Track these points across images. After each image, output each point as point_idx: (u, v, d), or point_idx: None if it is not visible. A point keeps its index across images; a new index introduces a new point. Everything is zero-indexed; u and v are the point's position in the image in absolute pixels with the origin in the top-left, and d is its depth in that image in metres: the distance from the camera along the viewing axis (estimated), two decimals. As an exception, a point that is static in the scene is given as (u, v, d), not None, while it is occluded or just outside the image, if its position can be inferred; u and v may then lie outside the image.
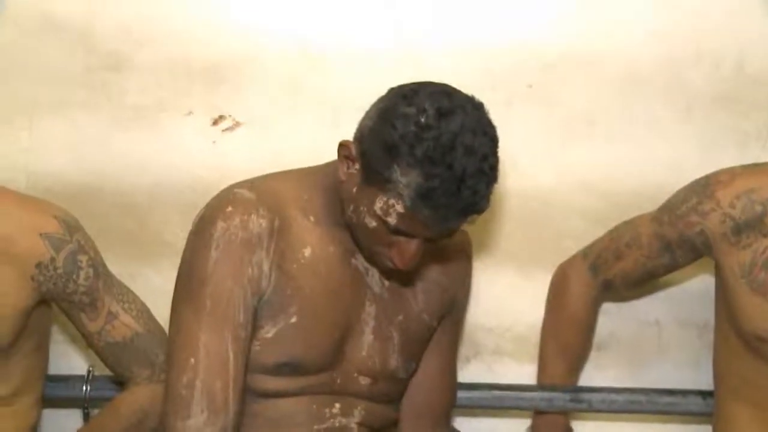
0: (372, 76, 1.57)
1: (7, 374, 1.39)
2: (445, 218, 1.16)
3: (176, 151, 1.61)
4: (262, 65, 1.59)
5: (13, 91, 1.56)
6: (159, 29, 1.58)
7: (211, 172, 1.59)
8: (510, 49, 1.61)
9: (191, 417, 1.20)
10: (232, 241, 1.23)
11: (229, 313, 1.23)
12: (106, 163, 1.60)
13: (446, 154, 1.13)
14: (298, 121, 1.61)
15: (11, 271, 1.31)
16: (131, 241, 1.47)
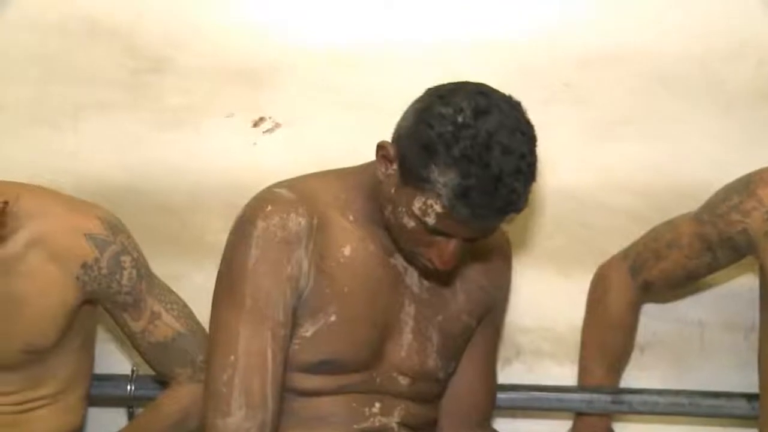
0: (408, 76, 1.52)
1: (54, 372, 1.38)
2: (482, 217, 1.12)
3: (217, 152, 1.59)
4: (301, 68, 1.57)
5: (60, 95, 1.56)
6: (201, 34, 1.57)
7: (251, 173, 1.54)
8: (547, 47, 1.57)
9: (230, 414, 1.19)
10: (272, 240, 1.21)
11: (269, 311, 1.21)
12: (150, 164, 1.59)
13: (483, 153, 1.09)
14: (337, 123, 1.59)
15: (57, 271, 1.30)
16: (173, 241, 1.46)
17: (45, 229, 1.28)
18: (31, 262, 1.28)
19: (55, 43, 1.57)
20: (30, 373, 1.35)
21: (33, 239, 1.27)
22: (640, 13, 1.56)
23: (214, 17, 1.57)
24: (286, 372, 1.24)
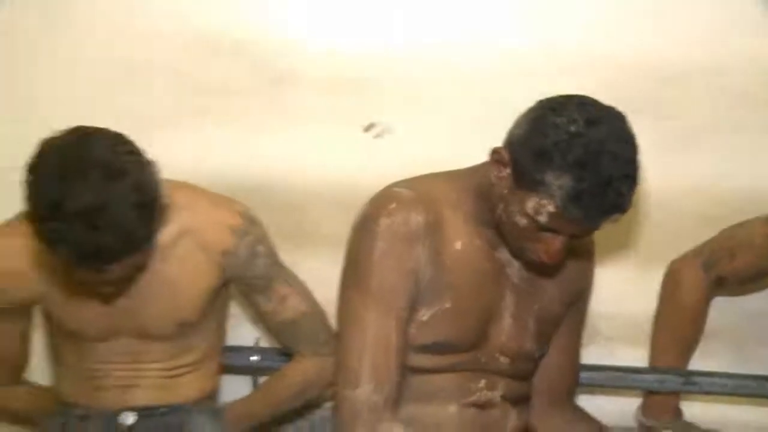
0: (503, 89, 1.60)
1: (195, 345, 1.48)
2: (592, 218, 1.19)
3: (334, 154, 1.66)
4: (410, 79, 1.62)
5: (202, 103, 1.63)
6: (318, 48, 1.62)
7: (363, 174, 1.62)
8: (633, 63, 1.60)
9: (360, 387, 1.27)
10: (395, 234, 1.29)
11: (393, 298, 1.29)
12: (275, 165, 1.65)
13: (595, 159, 1.16)
14: (439, 130, 1.64)
15: (203, 258, 1.40)
16: (294, 232, 1.53)
17: (193, 221, 1.38)
18: (182, 249, 1.38)
19: (184, 54, 1.63)
20: (178, 344, 1.45)
21: (183, 230, 1.37)
22: (720, 30, 1.60)
23: (331, 33, 1.62)
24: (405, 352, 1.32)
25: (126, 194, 1.15)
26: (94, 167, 1.15)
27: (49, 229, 1.14)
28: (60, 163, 1.15)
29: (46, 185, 1.15)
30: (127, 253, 1.18)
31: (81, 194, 1.13)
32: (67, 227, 1.13)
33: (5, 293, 1.37)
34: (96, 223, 1.13)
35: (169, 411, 1.46)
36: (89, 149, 1.16)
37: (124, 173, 1.16)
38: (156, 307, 1.40)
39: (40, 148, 1.18)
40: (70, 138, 1.18)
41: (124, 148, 1.19)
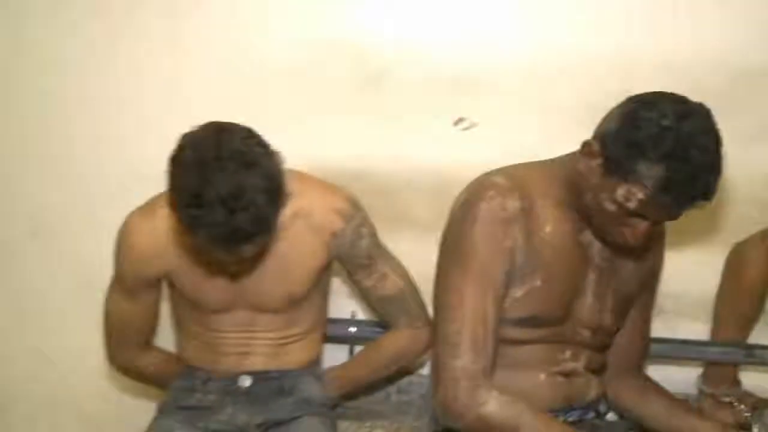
0: (586, 87, 1.68)
1: (303, 317, 1.59)
2: (679, 205, 1.28)
3: (424, 145, 1.73)
4: (497, 76, 1.69)
5: (307, 98, 1.72)
6: (414, 49, 1.69)
7: (450, 164, 1.70)
8: (702, 60, 1.66)
9: (460, 357, 1.35)
10: (494, 218, 1.37)
11: (491, 276, 1.37)
12: (372, 154, 1.73)
13: (684, 151, 1.24)
14: (522, 124, 1.71)
15: (313, 238, 1.50)
16: (386, 216, 1.59)
17: (305, 205, 1.47)
18: (295, 230, 1.47)
19: (302, 56, 1.71)
20: (289, 316, 1.56)
21: (296, 213, 1.46)
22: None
23: (425, 35, 1.69)
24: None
25: (258, 182, 1.26)
26: (230, 158, 1.25)
27: (191, 215, 1.26)
28: (199, 156, 1.26)
29: (188, 176, 1.26)
30: (259, 234, 1.29)
31: (219, 183, 1.24)
32: (206, 213, 1.24)
33: (145, 269, 1.49)
34: (233, 209, 1.24)
35: (280, 375, 1.58)
36: (225, 142, 1.27)
37: (256, 163, 1.27)
38: (270, 283, 1.51)
39: (181, 142, 1.29)
40: (207, 132, 1.29)
41: (254, 140, 1.30)
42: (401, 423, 1.74)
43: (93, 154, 1.80)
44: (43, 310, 1.91)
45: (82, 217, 1.83)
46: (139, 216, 1.49)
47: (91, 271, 1.75)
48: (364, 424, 1.73)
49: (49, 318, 1.91)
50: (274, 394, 1.57)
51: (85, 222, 1.82)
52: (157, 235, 1.47)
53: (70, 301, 1.88)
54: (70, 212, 1.82)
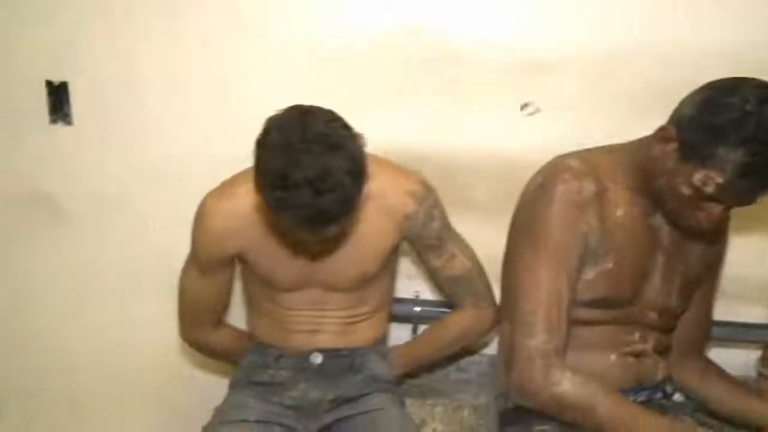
0: (649, 74, 1.67)
1: (372, 296, 1.61)
2: (757, 190, 1.30)
3: (489, 129, 1.74)
4: (563, 63, 1.69)
5: (380, 82, 1.73)
6: (486, 34, 1.69)
7: (514, 148, 1.73)
8: (753, 49, 1.65)
9: (535, 336, 1.39)
10: (570, 201, 1.39)
11: (565, 258, 1.40)
12: (438, 138, 1.75)
13: (766, 136, 1.24)
14: (587, 110, 1.71)
15: (386, 220, 1.52)
16: (449, 196, 1.58)
17: (379, 187, 1.46)
18: (368, 212, 1.49)
19: (373, 39, 1.71)
20: (358, 295, 1.59)
21: (370, 194, 1.44)
22: None
23: (496, 20, 1.69)
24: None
25: (343, 164, 1.27)
26: (316, 141, 1.26)
27: (277, 197, 1.27)
28: (285, 139, 1.27)
29: (274, 158, 1.27)
30: (343, 215, 1.31)
31: (306, 165, 1.25)
32: (293, 195, 1.26)
33: (221, 249, 1.51)
34: (319, 190, 1.25)
35: (350, 352, 1.60)
36: (310, 125, 1.28)
37: (341, 145, 1.28)
38: (343, 263, 1.53)
39: (267, 126, 1.30)
40: (292, 116, 1.30)
41: (338, 123, 1.31)
42: (461, 401, 1.77)
43: (162, 137, 1.82)
44: (111, 284, 1.93)
45: (151, 190, 1.84)
46: (216, 197, 1.50)
47: (162, 245, 1.81)
48: (425, 401, 1.75)
49: (117, 292, 1.93)
50: (344, 371, 1.59)
51: (155, 196, 1.84)
52: (234, 215, 1.48)
53: (140, 276, 1.91)
54: (140, 185, 1.84)
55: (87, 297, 1.95)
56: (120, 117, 1.81)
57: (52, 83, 1.79)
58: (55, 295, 1.96)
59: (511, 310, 1.45)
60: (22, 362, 2.03)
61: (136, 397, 2.01)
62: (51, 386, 2.04)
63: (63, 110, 1.81)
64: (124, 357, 1.98)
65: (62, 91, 1.79)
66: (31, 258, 1.93)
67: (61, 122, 1.81)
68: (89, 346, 1.98)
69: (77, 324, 1.97)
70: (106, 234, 1.90)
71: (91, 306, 1.95)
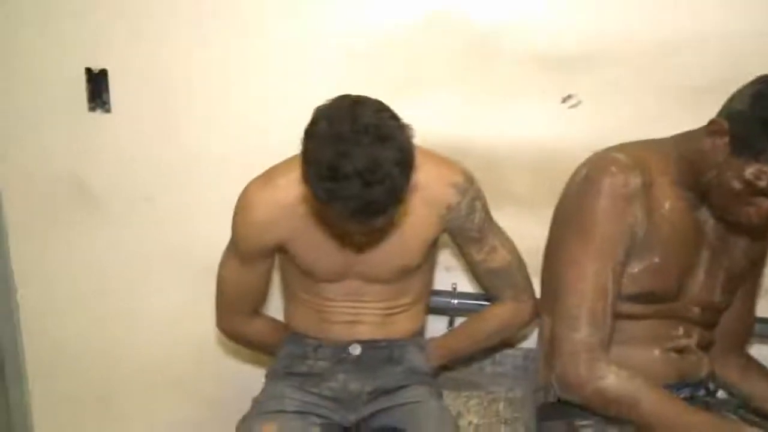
0: (694, 67, 1.65)
1: (411, 288, 1.61)
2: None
3: (530, 122, 1.73)
4: (606, 54, 1.67)
5: (413, 71, 1.72)
6: (522, 24, 1.68)
7: (556, 141, 1.72)
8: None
9: (579, 330, 1.38)
10: (618, 194, 1.38)
11: (612, 251, 1.39)
12: (477, 129, 1.74)
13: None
14: (633, 101, 1.69)
15: (428, 211, 1.50)
16: (488, 189, 1.56)
17: (421, 178, 1.43)
18: (411, 203, 1.47)
19: (408, 27, 1.70)
20: (397, 287, 1.58)
21: (413, 186, 1.40)
22: None
23: (537, 9, 1.67)
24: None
25: (393, 155, 1.26)
26: (365, 132, 1.25)
27: (326, 188, 1.26)
28: (334, 129, 1.25)
29: (323, 149, 1.25)
30: (392, 206, 1.30)
31: (356, 156, 1.23)
32: (343, 186, 1.24)
33: (262, 239, 1.50)
34: (369, 182, 1.24)
35: (388, 344, 1.60)
36: (359, 116, 1.26)
37: (390, 136, 1.27)
38: (385, 254, 1.52)
39: (315, 116, 1.29)
40: (341, 106, 1.29)
41: (387, 113, 1.30)
42: (496, 393, 1.76)
43: (202, 127, 1.81)
44: (143, 273, 1.93)
45: (194, 184, 1.84)
46: (258, 186, 1.49)
47: (194, 235, 1.82)
48: (460, 393, 1.75)
49: (151, 281, 1.93)
50: (382, 362, 1.59)
51: (191, 186, 1.84)
52: (276, 205, 1.47)
53: (172, 265, 1.90)
54: (175, 175, 1.83)
55: (119, 286, 1.95)
56: (158, 106, 1.79)
57: (92, 71, 1.78)
58: (87, 281, 1.95)
59: (554, 303, 1.44)
60: (53, 350, 2.02)
61: (170, 389, 2.01)
62: (82, 376, 2.03)
63: (101, 98, 1.80)
64: (157, 347, 1.98)
65: (101, 79, 1.78)
66: (67, 244, 1.93)
67: (99, 110, 1.80)
68: (121, 335, 1.98)
69: (108, 313, 1.97)
70: (138, 223, 1.90)
71: (123, 295, 1.95)
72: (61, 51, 1.78)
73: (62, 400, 2.06)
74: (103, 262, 1.94)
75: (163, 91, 1.79)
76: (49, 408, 2.07)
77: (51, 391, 2.06)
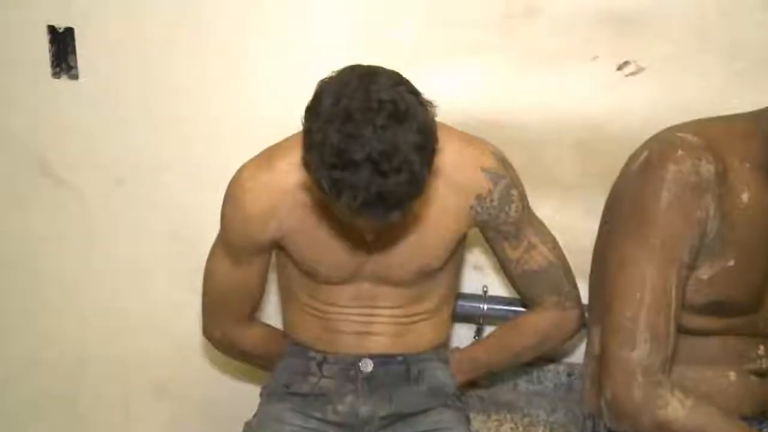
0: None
1: (433, 292, 1.51)
2: None
3: (577, 93, 1.63)
4: (669, 12, 1.56)
5: (437, 36, 1.64)
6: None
7: (607, 115, 1.62)
8: None
9: (636, 348, 1.27)
10: (685, 184, 1.27)
11: (677, 253, 1.28)
12: (511, 102, 1.65)
13: None
14: (703, 69, 1.59)
15: (454, 201, 1.39)
16: (524, 173, 1.46)
17: (445, 161, 1.34)
18: (434, 192, 1.37)
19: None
20: (417, 291, 1.48)
21: (436, 171, 1.31)
22: None
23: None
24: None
25: (412, 137, 1.14)
26: (380, 110, 1.13)
27: (333, 178, 1.14)
28: (343, 107, 1.14)
29: (329, 131, 1.13)
30: (411, 198, 1.18)
31: (368, 139, 1.12)
32: (352, 175, 1.13)
33: (258, 231, 1.39)
34: (384, 170, 1.12)
35: (405, 359, 1.50)
36: (372, 91, 1.14)
37: (408, 115, 1.14)
38: (402, 252, 1.42)
39: (319, 90, 1.17)
40: (350, 78, 1.16)
41: (404, 87, 1.17)
42: (534, 417, 1.65)
43: (187, 97, 1.74)
44: (124, 266, 1.88)
45: (172, 163, 1.78)
46: (255, 169, 1.38)
47: (182, 224, 1.77)
48: (490, 417, 1.64)
49: (130, 274, 1.89)
50: (399, 381, 1.49)
51: (176, 169, 1.78)
52: (275, 192, 1.37)
53: (155, 256, 1.86)
54: (160, 158, 1.78)
55: (90, 277, 1.90)
56: (133, 72, 1.74)
57: (56, 29, 1.72)
58: (50, 274, 1.91)
59: (604, 313, 1.32)
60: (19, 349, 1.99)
61: (139, 390, 1.96)
62: (46, 378, 2.00)
63: (67, 62, 1.75)
64: (133, 353, 1.93)
65: (67, 39, 1.73)
66: (27, 232, 1.89)
67: (64, 76, 1.75)
68: (92, 335, 1.94)
69: (78, 310, 1.93)
70: (109, 209, 1.85)
71: (94, 291, 1.91)
72: (18, 4, 1.70)
73: (24, 403, 2.02)
74: (68, 253, 1.89)
75: (140, 55, 1.73)
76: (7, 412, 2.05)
77: (10, 396, 2.02)
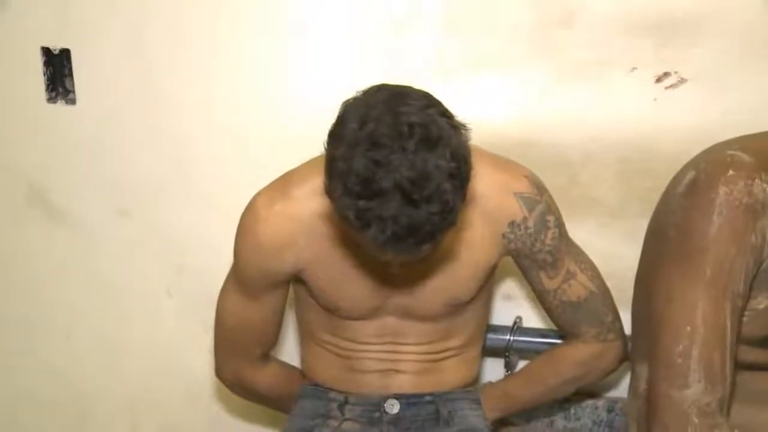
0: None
1: (463, 326, 1.53)
2: None
3: (614, 107, 1.65)
4: (715, 21, 1.58)
5: (462, 47, 1.64)
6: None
7: (648, 130, 1.63)
8: None
9: (688, 386, 1.28)
10: (736, 207, 1.28)
11: (730, 282, 1.29)
12: (544, 117, 1.66)
13: None
14: (749, 80, 1.60)
15: (485, 228, 1.41)
16: (560, 195, 1.49)
17: (477, 187, 1.36)
18: (464, 219, 1.39)
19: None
20: (445, 325, 1.51)
21: (467, 198, 1.32)
22: None
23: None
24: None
25: (445, 164, 1.15)
26: (410, 135, 1.14)
27: (359, 207, 1.15)
28: (369, 131, 1.15)
29: (355, 157, 1.15)
30: (443, 230, 1.19)
31: (398, 166, 1.13)
32: (380, 205, 1.14)
33: (274, 264, 1.42)
34: (413, 199, 1.14)
35: (434, 398, 1.52)
36: (401, 114, 1.16)
37: (441, 140, 1.16)
38: (428, 285, 1.44)
39: (343, 112, 1.19)
40: (377, 100, 1.18)
41: (436, 109, 1.19)
42: (571, 457, 1.69)
43: (191, 120, 1.77)
44: (127, 299, 1.91)
45: (178, 192, 1.80)
46: (269, 197, 1.41)
47: (187, 255, 1.79)
48: (525, 458, 1.68)
49: (133, 309, 1.91)
50: (428, 422, 1.52)
51: (182, 198, 1.80)
52: (291, 221, 1.39)
53: (154, 294, 1.88)
54: (164, 186, 1.80)
55: (89, 312, 1.92)
56: (134, 97, 1.76)
57: (51, 51, 1.74)
58: (55, 299, 1.93)
59: (652, 348, 1.34)
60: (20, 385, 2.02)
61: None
62: (50, 419, 2.02)
63: (64, 86, 1.77)
64: (139, 393, 1.95)
65: (63, 62, 1.75)
66: (24, 266, 1.92)
67: (61, 101, 1.77)
68: (93, 372, 1.96)
69: (79, 347, 1.95)
70: (111, 243, 1.87)
71: (96, 327, 1.93)
72: (8, 24, 1.73)
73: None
74: (68, 289, 1.91)
75: (141, 78, 1.74)
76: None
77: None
